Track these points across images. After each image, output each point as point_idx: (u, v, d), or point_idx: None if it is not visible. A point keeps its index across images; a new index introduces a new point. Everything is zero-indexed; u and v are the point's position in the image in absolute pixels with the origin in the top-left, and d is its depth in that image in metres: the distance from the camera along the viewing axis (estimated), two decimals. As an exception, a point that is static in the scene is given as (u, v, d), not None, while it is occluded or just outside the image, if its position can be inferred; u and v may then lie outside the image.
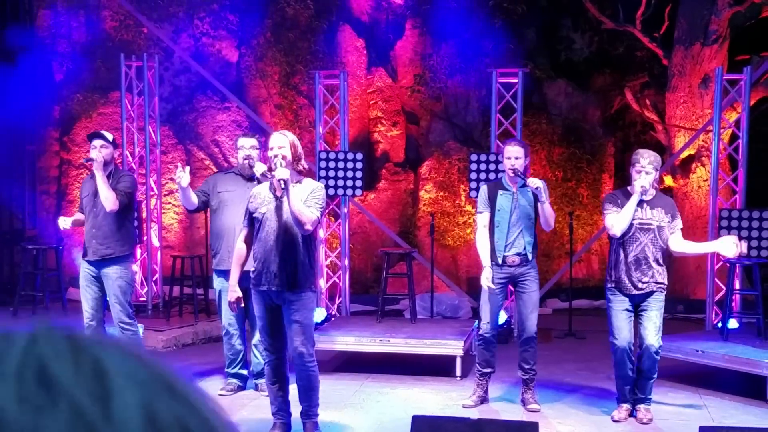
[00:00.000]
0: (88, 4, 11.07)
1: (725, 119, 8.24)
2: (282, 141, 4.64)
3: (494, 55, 10.69)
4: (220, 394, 5.92)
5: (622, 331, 5.26)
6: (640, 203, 5.21)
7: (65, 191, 11.00)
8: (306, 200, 4.58)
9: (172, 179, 10.90)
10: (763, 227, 7.36)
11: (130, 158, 9.23)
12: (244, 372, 6.09)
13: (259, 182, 5.76)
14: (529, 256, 5.47)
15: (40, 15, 11.03)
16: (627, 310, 5.26)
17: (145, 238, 8.88)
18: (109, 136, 5.92)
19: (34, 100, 10.62)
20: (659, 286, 5.22)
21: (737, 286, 7.61)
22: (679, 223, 5.30)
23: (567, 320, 8.46)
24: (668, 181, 10.18)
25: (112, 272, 5.81)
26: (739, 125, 8.04)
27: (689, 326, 8.37)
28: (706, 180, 9.84)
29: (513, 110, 8.32)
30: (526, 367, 5.62)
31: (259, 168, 5.72)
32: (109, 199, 5.68)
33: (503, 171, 5.78)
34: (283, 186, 4.48)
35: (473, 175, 8.00)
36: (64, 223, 5.84)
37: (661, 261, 5.24)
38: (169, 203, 10.79)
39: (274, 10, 11.13)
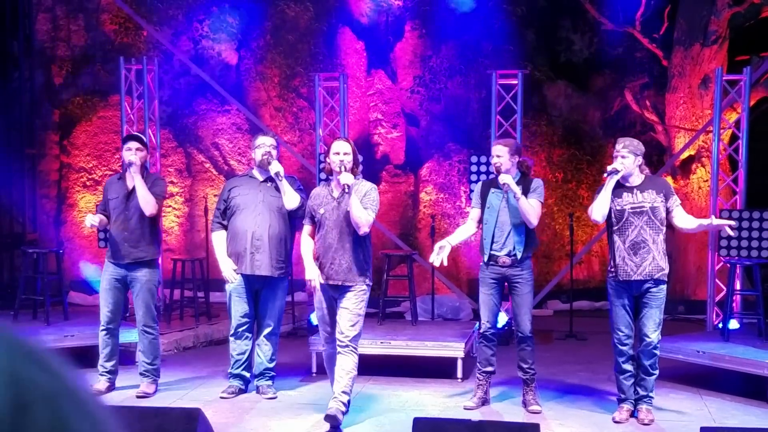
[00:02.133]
0: (87, 8, 11.08)
1: (725, 120, 8.24)
2: (347, 147, 4.99)
3: (494, 56, 10.69)
4: (222, 397, 5.91)
5: (622, 326, 5.28)
6: (630, 189, 5.24)
7: (65, 195, 11.00)
8: (361, 201, 4.94)
9: (173, 182, 10.92)
10: (764, 227, 7.35)
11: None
12: (247, 374, 6.08)
13: (273, 182, 5.78)
14: (518, 255, 5.48)
15: (39, 19, 11.04)
16: (626, 305, 5.26)
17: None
18: (144, 138, 5.93)
19: (34, 103, 10.63)
20: (661, 273, 5.17)
21: (738, 286, 7.61)
22: (675, 200, 5.28)
23: (568, 322, 8.46)
24: (668, 182, 10.18)
25: (141, 275, 5.80)
26: (739, 126, 8.03)
27: (690, 327, 8.37)
28: (707, 180, 9.84)
29: (513, 112, 8.31)
30: (525, 366, 5.63)
31: (275, 167, 5.74)
32: (150, 204, 5.69)
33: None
34: (347, 191, 4.83)
35: (473, 177, 7.99)
36: (93, 219, 5.68)
37: (660, 245, 5.20)
38: (170, 206, 10.79)
39: (273, 13, 11.14)
